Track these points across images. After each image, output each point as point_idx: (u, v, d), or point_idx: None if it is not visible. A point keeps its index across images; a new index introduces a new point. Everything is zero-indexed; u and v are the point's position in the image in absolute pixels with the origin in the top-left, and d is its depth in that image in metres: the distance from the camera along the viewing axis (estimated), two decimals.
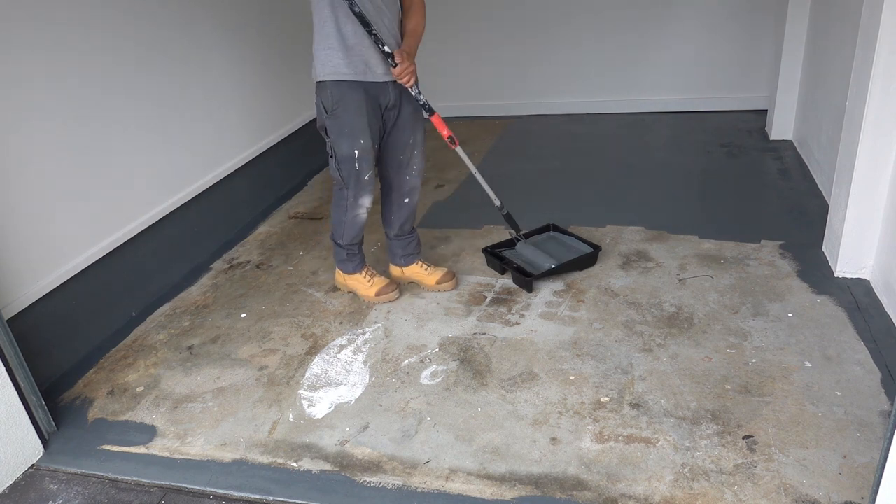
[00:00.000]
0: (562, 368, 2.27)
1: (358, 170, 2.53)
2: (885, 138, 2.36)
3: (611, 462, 1.88)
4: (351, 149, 2.49)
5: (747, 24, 4.44)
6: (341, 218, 2.68)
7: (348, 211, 2.64)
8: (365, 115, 2.47)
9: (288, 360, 2.47)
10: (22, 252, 2.35)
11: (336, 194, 2.68)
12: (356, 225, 2.69)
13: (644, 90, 4.81)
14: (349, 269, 2.80)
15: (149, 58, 2.91)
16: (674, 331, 2.40)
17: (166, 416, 2.25)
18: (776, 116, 4.04)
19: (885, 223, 2.47)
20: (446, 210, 3.61)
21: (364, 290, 2.78)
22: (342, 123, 2.47)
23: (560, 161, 4.15)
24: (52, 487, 2.02)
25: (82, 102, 2.59)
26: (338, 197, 2.67)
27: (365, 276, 2.79)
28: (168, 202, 3.05)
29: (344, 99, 2.44)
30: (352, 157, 2.50)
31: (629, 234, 3.12)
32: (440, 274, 2.82)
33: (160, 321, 2.82)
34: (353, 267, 2.79)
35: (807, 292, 2.56)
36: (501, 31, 4.88)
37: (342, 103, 2.44)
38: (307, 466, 1.98)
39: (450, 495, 1.83)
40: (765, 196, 3.40)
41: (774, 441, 1.89)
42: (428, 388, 2.25)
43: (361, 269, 2.80)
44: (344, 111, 2.45)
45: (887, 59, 2.25)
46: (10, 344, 2.04)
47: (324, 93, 2.46)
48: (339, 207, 2.67)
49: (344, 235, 2.72)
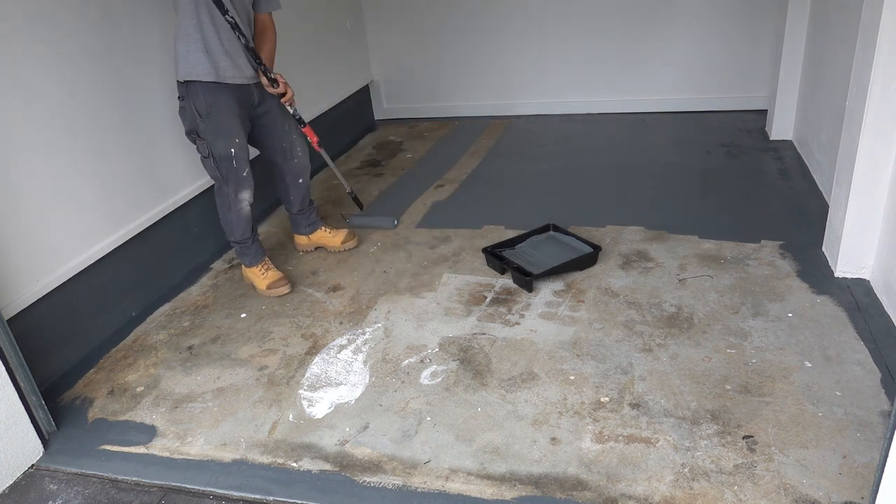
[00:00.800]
0: (562, 368, 2.27)
1: (236, 167, 2.70)
2: (885, 138, 2.36)
3: (611, 462, 1.88)
4: (227, 148, 2.65)
5: (747, 24, 4.44)
6: (227, 215, 2.83)
7: (231, 207, 2.79)
8: (237, 115, 2.68)
9: (288, 360, 2.47)
10: (22, 252, 2.35)
11: (218, 193, 2.82)
12: (242, 219, 2.84)
13: (644, 90, 4.81)
14: (247, 262, 2.95)
15: (148, 57, 2.91)
16: (674, 331, 2.41)
17: (166, 416, 2.25)
18: (776, 116, 4.04)
19: (885, 223, 2.47)
20: (446, 210, 3.61)
21: (258, 282, 2.91)
22: (217, 125, 2.63)
23: (560, 161, 4.16)
24: (52, 487, 2.02)
25: (81, 102, 2.58)
26: (220, 196, 2.81)
27: (260, 270, 2.92)
28: (168, 202, 3.04)
29: (217, 101, 2.61)
30: (229, 155, 2.67)
31: (629, 234, 3.12)
32: (343, 234, 3.20)
33: (160, 321, 2.82)
34: (249, 260, 2.94)
35: (807, 292, 2.56)
36: (502, 31, 4.88)
37: (216, 106, 2.61)
38: (307, 466, 1.98)
39: (450, 495, 1.83)
40: (765, 196, 3.40)
41: (774, 441, 1.89)
42: (428, 388, 2.25)
43: (258, 262, 2.92)
44: (218, 113, 2.62)
45: (887, 59, 2.25)
46: (10, 344, 2.04)
47: (196, 97, 2.59)
48: (222, 206, 2.82)
49: (234, 231, 2.86)
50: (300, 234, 3.23)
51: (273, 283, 2.87)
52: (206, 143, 2.64)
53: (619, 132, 4.57)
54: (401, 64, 5.21)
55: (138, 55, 2.86)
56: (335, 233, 3.22)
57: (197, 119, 2.62)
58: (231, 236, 2.89)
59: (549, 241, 3.05)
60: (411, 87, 5.25)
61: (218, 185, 2.78)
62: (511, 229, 3.27)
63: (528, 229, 3.12)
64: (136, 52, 2.84)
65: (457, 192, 3.83)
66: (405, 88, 5.28)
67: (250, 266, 2.93)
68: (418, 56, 5.16)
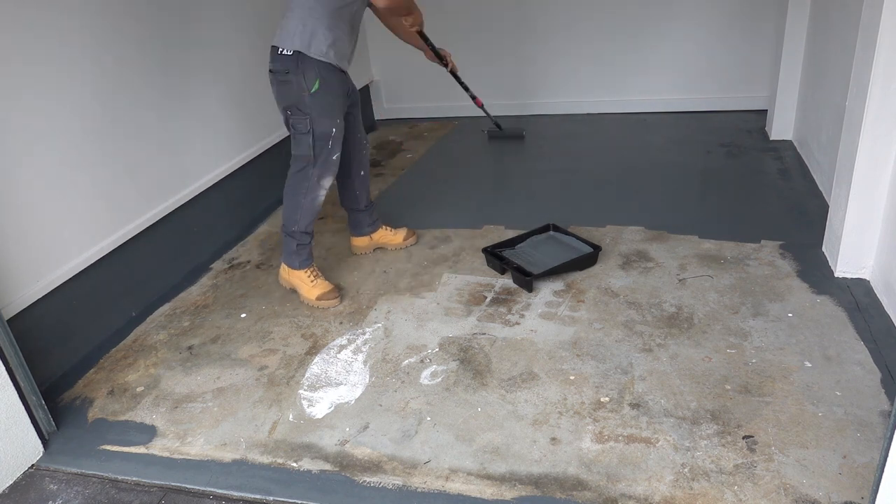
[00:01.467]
0: (562, 368, 2.27)
1: (330, 148, 2.67)
2: (885, 138, 2.36)
3: (611, 462, 1.88)
4: (330, 127, 2.63)
5: (747, 24, 4.44)
6: (300, 201, 2.72)
7: (309, 192, 2.71)
8: (342, 97, 2.69)
9: (288, 360, 2.47)
10: (22, 252, 2.35)
11: (296, 176, 2.72)
12: (314, 208, 2.75)
13: (644, 90, 4.81)
14: (296, 263, 2.80)
15: (148, 57, 2.91)
16: (674, 331, 2.40)
17: (166, 416, 2.25)
18: (776, 116, 4.04)
19: (885, 223, 2.47)
20: (446, 210, 3.61)
21: (306, 290, 2.78)
22: (325, 102, 2.60)
23: (560, 161, 4.16)
24: (52, 487, 2.02)
25: (81, 102, 2.58)
26: (299, 178, 2.71)
27: (309, 276, 2.79)
28: (168, 202, 3.04)
29: (329, 80, 2.59)
30: (329, 134, 2.64)
31: (629, 234, 3.12)
32: (403, 232, 3.18)
33: (160, 321, 2.82)
34: (300, 262, 2.80)
35: (807, 292, 2.56)
36: (502, 31, 4.88)
37: (327, 84, 2.58)
38: (307, 466, 1.98)
39: (450, 495, 1.83)
40: (765, 196, 3.40)
41: (774, 441, 1.89)
42: (428, 388, 2.25)
43: (308, 265, 2.81)
44: (329, 91, 2.60)
45: (887, 59, 2.25)
46: (10, 344, 2.04)
47: (308, 70, 2.54)
48: (298, 189, 2.72)
49: (300, 220, 2.75)
50: (362, 234, 3.13)
51: (325, 294, 2.75)
52: (308, 118, 2.58)
53: (619, 132, 4.57)
54: (401, 64, 5.20)
55: (139, 55, 2.86)
56: (395, 231, 3.17)
57: (304, 93, 2.55)
58: (295, 225, 2.74)
59: (549, 241, 3.05)
60: (411, 87, 5.25)
61: (301, 167, 2.68)
62: (511, 229, 3.27)
63: (528, 229, 3.12)
64: (136, 53, 2.84)
65: (457, 192, 3.83)
66: (405, 88, 5.27)
67: (300, 268, 2.78)
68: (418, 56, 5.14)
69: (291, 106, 2.60)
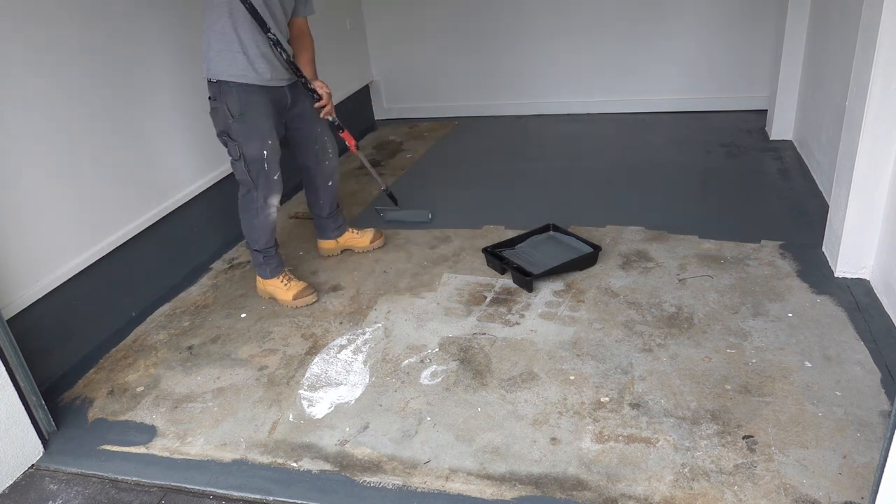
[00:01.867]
0: (562, 368, 2.27)
1: (267, 170, 2.63)
2: (885, 138, 2.36)
3: (611, 462, 1.88)
4: (260, 150, 2.59)
5: (747, 24, 4.44)
6: (252, 221, 2.74)
7: (259, 213, 2.72)
8: (270, 117, 2.61)
9: (288, 360, 2.47)
10: (22, 252, 2.35)
11: (244, 198, 2.73)
12: (268, 226, 2.76)
13: (644, 90, 4.81)
14: (266, 273, 2.83)
15: (148, 56, 2.91)
16: (674, 331, 2.40)
17: (166, 416, 2.25)
18: (776, 116, 4.04)
19: (885, 223, 2.47)
20: (446, 210, 3.61)
21: (282, 294, 2.81)
22: (250, 126, 2.56)
23: (560, 161, 4.16)
24: (52, 487, 2.02)
25: (81, 102, 2.58)
26: (247, 200, 2.72)
27: (282, 281, 2.82)
28: (168, 202, 3.04)
29: (251, 102, 2.54)
30: (261, 157, 2.60)
31: (629, 234, 3.12)
32: (370, 234, 3.18)
33: (160, 321, 2.82)
34: (269, 271, 2.82)
35: (807, 292, 2.56)
36: (502, 31, 4.88)
37: (250, 107, 2.54)
38: (307, 466, 1.98)
39: (450, 495, 1.83)
40: (765, 196, 3.40)
41: (774, 441, 1.89)
42: (428, 388, 2.25)
43: (279, 273, 2.83)
44: (252, 114, 2.55)
45: (887, 59, 2.25)
46: (10, 344, 2.04)
47: (229, 96, 2.53)
48: (248, 211, 2.73)
49: (259, 239, 2.77)
50: (328, 238, 3.16)
51: (299, 294, 2.78)
52: (237, 144, 2.56)
53: (619, 132, 4.57)
54: (401, 64, 5.21)
55: (139, 55, 2.86)
56: (362, 233, 3.18)
57: (229, 120, 2.53)
58: (255, 244, 2.77)
59: (549, 241, 3.05)
60: (411, 87, 5.25)
61: (246, 190, 2.68)
62: (511, 229, 3.27)
63: (528, 229, 3.12)
64: (136, 53, 2.84)
65: (456, 191, 3.83)
66: (405, 88, 5.28)
67: (271, 277, 2.81)
68: (418, 56, 5.16)
69: (222, 133, 2.61)
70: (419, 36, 5.08)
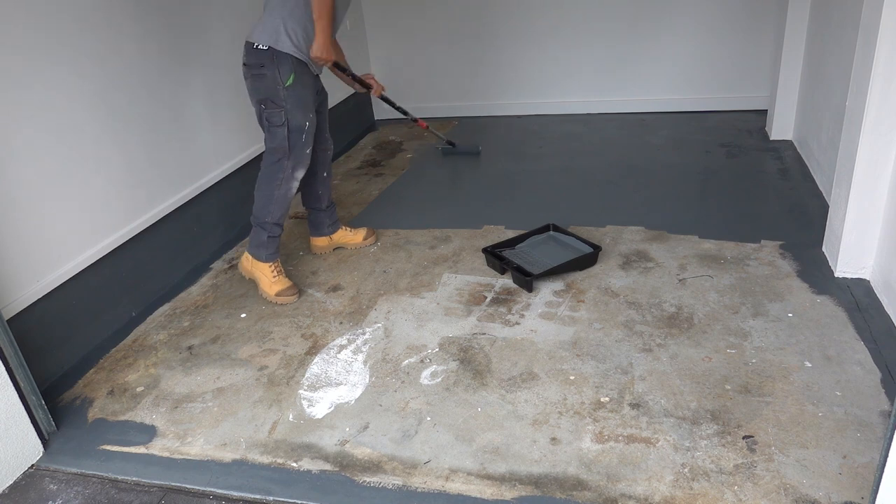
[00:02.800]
0: (562, 368, 2.27)
1: (304, 141, 2.74)
2: (885, 138, 2.36)
3: (611, 462, 1.88)
4: (304, 120, 2.71)
5: (747, 23, 4.44)
6: (274, 192, 2.78)
7: (283, 184, 2.77)
8: (313, 93, 2.78)
9: (288, 360, 2.47)
10: (22, 252, 2.35)
11: (271, 168, 2.78)
12: (287, 199, 2.82)
13: (644, 90, 4.81)
14: (262, 255, 2.86)
15: (148, 56, 2.91)
16: (674, 331, 2.40)
17: (166, 416, 2.25)
18: (776, 116, 4.04)
19: (885, 223, 2.47)
20: (446, 210, 3.61)
21: (267, 285, 2.84)
22: (300, 96, 2.68)
23: (560, 161, 4.16)
24: (52, 487, 2.02)
25: (81, 102, 2.58)
26: (274, 170, 2.77)
27: (272, 270, 2.85)
28: (168, 202, 3.04)
29: (301, 75, 2.68)
30: (303, 127, 2.71)
31: (629, 234, 3.12)
32: (364, 232, 3.23)
33: (160, 321, 2.82)
34: (266, 255, 2.86)
35: (807, 292, 2.56)
36: (502, 31, 4.88)
37: (300, 79, 2.67)
38: (307, 466, 1.98)
39: (450, 495, 1.83)
40: (765, 196, 3.41)
41: (774, 441, 1.89)
42: (428, 388, 2.25)
43: (273, 259, 2.87)
44: (302, 86, 2.69)
45: (887, 59, 2.25)
46: (10, 344, 2.04)
47: (282, 64, 2.62)
48: (272, 181, 2.78)
49: (274, 211, 2.80)
50: (322, 235, 3.18)
51: (283, 291, 2.81)
52: (283, 111, 2.65)
53: (619, 132, 4.57)
54: (401, 64, 5.21)
55: (139, 59, 2.86)
56: (355, 231, 3.23)
57: (279, 86, 2.62)
58: (269, 216, 2.79)
59: (549, 241, 3.05)
60: (411, 87, 5.25)
61: (277, 158, 2.74)
62: (511, 229, 3.27)
63: (528, 229, 3.12)
64: (136, 57, 2.84)
65: (457, 191, 3.83)
66: (405, 88, 5.27)
67: (266, 261, 2.84)
68: (418, 56, 5.16)
69: (266, 99, 2.67)
70: (419, 36, 5.08)
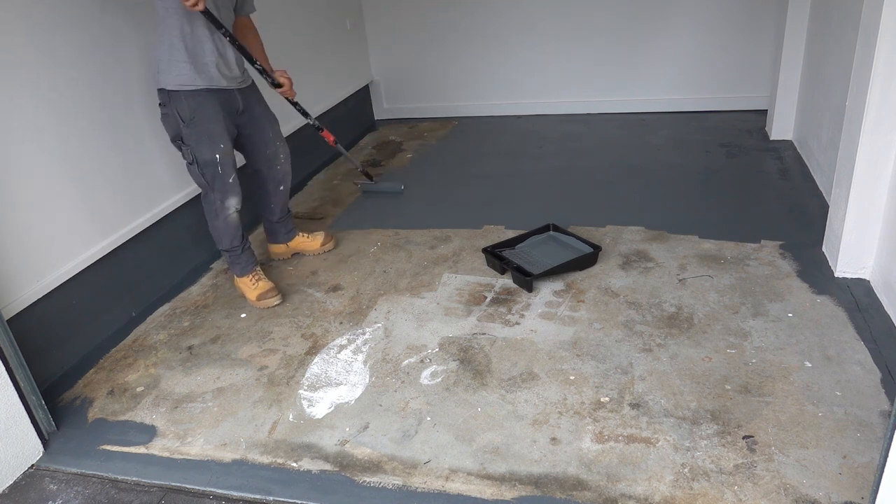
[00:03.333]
0: (562, 368, 2.27)
1: (221, 173, 2.66)
2: (885, 138, 2.36)
3: (611, 462, 1.88)
4: (212, 154, 2.61)
5: (747, 24, 4.44)
6: (214, 223, 2.78)
7: (218, 215, 2.75)
8: (221, 120, 2.63)
9: (288, 360, 2.47)
10: (22, 252, 2.35)
11: (204, 202, 2.78)
12: (230, 226, 2.78)
13: (644, 90, 4.81)
14: (237, 271, 2.88)
15: (148, 56, 2.91)
16: (674, 331, 2.40)
17: (166, 416, 2.25)
18: (776, 116, 4.04)
19: (885, 223, 2.47)
20: (446, 210, 3.61)
21: (249, 292, 2.85)
22: (201, 131, 2.59)
23: (560, 161, 4.16)
24: (52, 487, 2.02)
25: (81, 102, 2.59)
26: (206, 204, 2.77)
27: (251, 280, 2.86)
28: (168, 202, 3.04)
29: (201, 107, 2.58)
30: (214, 161, 2.63)
31: (629, 234, 3.12)
32: (320, 237, 3.18)
33: (160, 321, 2.82)
34: (239, 270, 2.87)
35: (807, 292, 2.56)
36: (501, 31, 4.88)
37: (199, 111, 2.58)
38: (307, 466, 1.98)
39: (450, 495, 1.83)
40: (765, 196, 3.41)
41: (774, 441, 1.89)
42: (428, 388, 2.25)
43: (248, 272, 2.86)
44: (202, 119, 2.58)
45: (887, 59, 2.25)
46: (10, 344, 2.04)
47: (178, 103, 2.56)
48: (209, 214, 2.78)
49: (223, 239, 2.81)
50: (278, 242, 3.18)
51: (263, 294, 2.80)
52: (190, 149, 2.60)
53: (619, 132, 4.57)
54: (401, 64, 5.21)
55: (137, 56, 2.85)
56: (313, 237, 3.20)
57: (180, 125, 2.58)
58: (220, 244, 2.83)
59: (549, 241, 3.05)
60: (411, 87, 5.26)
61: (204, 193, 2.73)
62: (511, 229, 3.27)
63: (528, 229, 3.12)
64: (135, 53, 2.84)
65: (456, 192, 3.83)
66: (405, 88, 5.28)
67: (241, 276, 2.86)
68: (418, 56, 5.16)
69: (175, 138, 2.65)
70: (419, 36, 5.09)
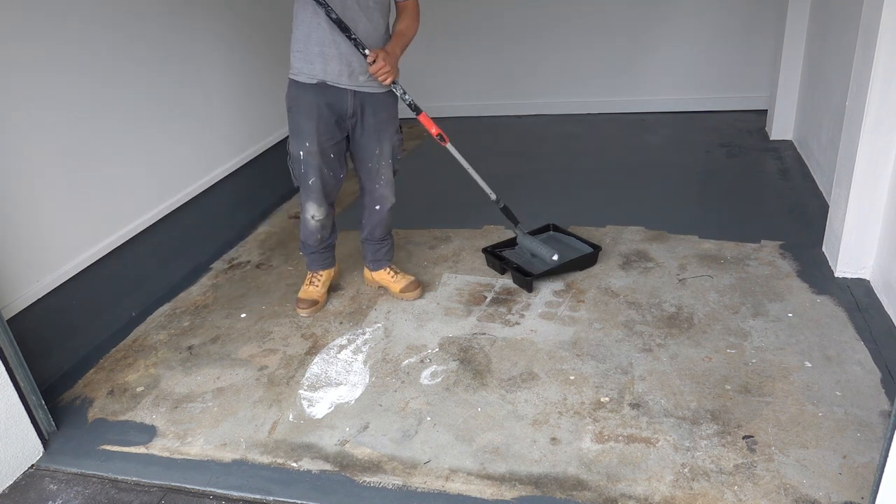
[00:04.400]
0: (562, 368, 2.27)
1: (303, 172, 2.56)
2: (885, 138, 2.36)
3: (611, 462, 1.88)
4: (297, 149, 2.54)
5: (747, 23, 4.44)
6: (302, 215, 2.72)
7: (302, 213, 2.69)
8: (315, 118, 2.47)
9: (288, 360, 2.47)
10: (22, 252, 2.35)
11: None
12: (306, 229, 2.70)
13: (644, 90, 4.81)
14: (306, 265, 2.84)
15: (148, 57, 2.91)
16: (674, 331, 2.40)
17: (166, 416, 2.25)
18: (776, 116, 4.04)
19: (885, 223, 2.47)
20: (446, 210, 3.61)
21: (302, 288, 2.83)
22: (294, 123, 2.52)
23: (560, 161, 4.16)
24: (52, 487, 2.02)
25: (82, 102, 2.58)
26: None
27: (307, 279, 2.83)
28: (168, 202, 3.04)
29: (297, 100, 2.49)
30: (297, 158, 2.55)
31: (629, 234, 3.12)
32: (405, 282, 2.79)
33: (160, 321, 2.82)
34: (307, 263, 2.83)
35: (807, 292, 2.56)
36: (502, 31, 4.88)
37: (296, 103, 2.50)
38: (307, 466, 1.98)
39: (450, 495, 1.83)
40: (765, 196, 3.41)
41: (774, 441, 1.89)
42: (428, 388, 2.25)
43: (311, 269, 2.82)
44: (296, 111, 2.50)
45: (887, 59, 2.26)
46: (10, 344, 2.04)
47: (287, 91, 2.52)
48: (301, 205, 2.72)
49: (301, 233, 2.76)
50: (366, 266, 2.90)
51: (298, 302, 2.75)
52: (288, 139, 2.58)
53: (618, 132, 4.57)
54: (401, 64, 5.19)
55: (139, 57, 2.86)
56: (398, 278, 2.81)
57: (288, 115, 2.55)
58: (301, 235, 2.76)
59: (549, 242, 3.04)
60: (410, 87, 5.20)
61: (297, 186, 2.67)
62: (511, 229, 3.26)
63: (528, 229, 3.12)
64: (136, 54, 2.84)
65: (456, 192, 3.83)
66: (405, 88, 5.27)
67: (307, 268, 2.83)
68: (417, 56, 5.14)
69: None
70: (419, 36, 5.06)
